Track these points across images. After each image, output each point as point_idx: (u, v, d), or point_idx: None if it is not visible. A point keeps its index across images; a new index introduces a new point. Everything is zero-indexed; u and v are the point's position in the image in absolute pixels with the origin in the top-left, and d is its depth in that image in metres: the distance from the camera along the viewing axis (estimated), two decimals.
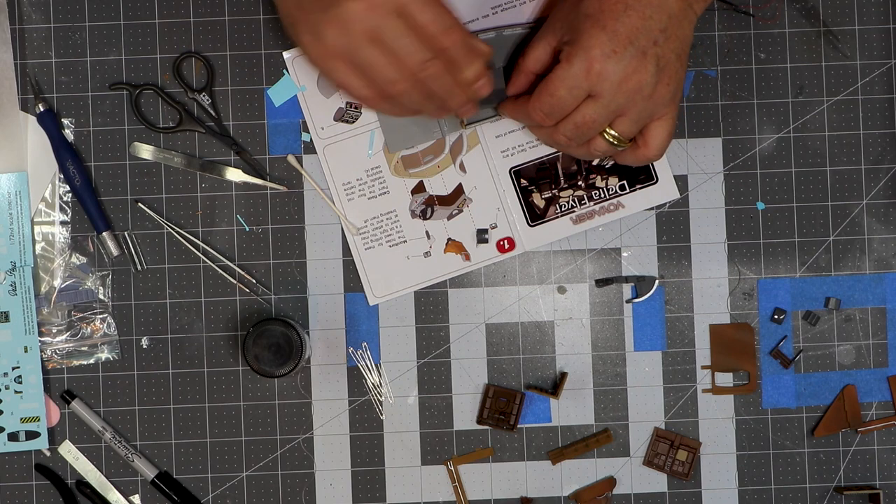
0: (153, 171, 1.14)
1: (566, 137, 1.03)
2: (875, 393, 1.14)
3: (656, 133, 1.03)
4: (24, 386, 1.12)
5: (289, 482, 1.14)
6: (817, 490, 1.14)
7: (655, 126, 1.03)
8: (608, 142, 1.03)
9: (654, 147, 1.04)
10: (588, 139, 1.03)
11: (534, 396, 1.14)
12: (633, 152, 1.05)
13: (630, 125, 1.02)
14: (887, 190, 1.15)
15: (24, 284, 1.12)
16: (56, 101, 1.14)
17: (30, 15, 1.14)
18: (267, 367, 1.08)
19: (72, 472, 1.13)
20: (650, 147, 1.04)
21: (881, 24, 1.15)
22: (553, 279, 1.15)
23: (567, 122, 1.02)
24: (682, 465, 1.13)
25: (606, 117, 1.01)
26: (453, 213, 1.14)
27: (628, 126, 1.02)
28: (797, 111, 1.15)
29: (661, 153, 1.04)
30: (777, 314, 1.14)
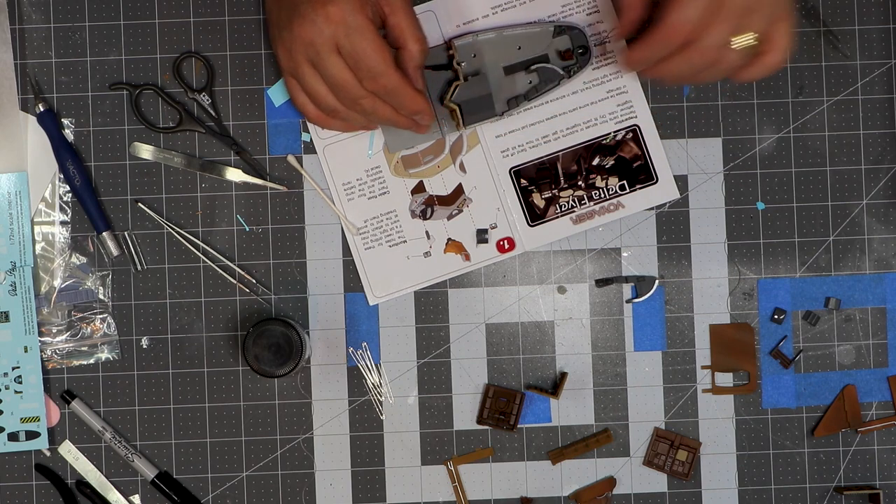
0: (153, 171, 1.14)
1: (714, 46, 1.00)
2: (875, 393, 1.14)
3: (779, 35, 1.02)
4: (24, 386, 1.12)
5: (289, 482, 1.14)
6: (817, 490, 1.14)
7: (777, 28, 1.02)
8: (747, 45, 1.01)
9: (779, 49, 1.02)
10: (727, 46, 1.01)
11: (534, 396, 1.14)
12: (759, 62, 1.03)
13: (762, 21, 1.00)
14: (887, 190, 1.15)
15: (24, 284, 1.12)
16: (56, 101, 1.14)
17: (30, 15, 1.14)
18: (267, 367, 1.08)
19: (72, 472, 1.13)
20: (774, 50, 1.02)
21: (881, 24, 1.15)
22: (553, 279, 1.15)
23: (717, 22, 1.00)
24: (682, 465, 1.13)
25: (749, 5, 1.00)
26: (453, 213, 1.14)
27: (761, 23, 1.00)
28: (797, 111, 1.15)
29: (785, 57, 1.03)
30: (777, 314, 1.14)
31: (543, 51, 1.13)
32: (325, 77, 1.05)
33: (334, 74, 1.04)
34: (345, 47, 1.03)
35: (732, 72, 1.04)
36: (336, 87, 1.05)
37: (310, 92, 1.07)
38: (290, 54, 1.06)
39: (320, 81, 1.06)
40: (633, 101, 1.14)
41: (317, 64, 1.05)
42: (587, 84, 1.14)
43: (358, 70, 1.04)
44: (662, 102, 1.15)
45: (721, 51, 1.01)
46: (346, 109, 1.07)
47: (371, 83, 1.04)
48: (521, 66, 1.13)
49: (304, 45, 1.04)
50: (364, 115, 1.08)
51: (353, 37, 1.03)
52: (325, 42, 1.03)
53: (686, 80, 1.05)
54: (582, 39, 1.13)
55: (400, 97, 1.05)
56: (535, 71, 1.13)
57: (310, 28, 1.03)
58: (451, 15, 1.13)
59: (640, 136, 1.14)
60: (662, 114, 1.15)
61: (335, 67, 1.04)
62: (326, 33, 1.03)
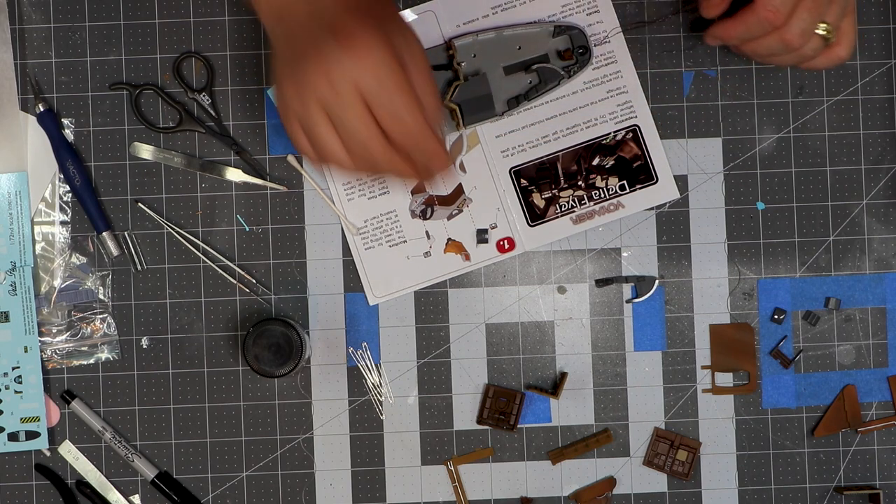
0: (153, 171, 1.14)
1: (799, 31, 1.03)
2: (875, 393, 1.14)
3: (848, 28, 1.05)
4: (24, 386, 1.12)
5: (289, 482, 1.14)
6: (817, 490, 1.14)
7: (847, 21, 1.05)
8: (821, 36, 1.03)
9: (846, 44, 1.05)
10: (809, 36, 1.03)
11: (534, 396, 1.14)
12: (827, 52, 1.05)
13: (838, 13, 1.03)
14: (887, 190, 1.15)
15: (24, 284, 1.12)
16: (56, 101, 1.14)
17: (30, 15, 1.14)
18: (267, 367, 1.08)
19: (72, 472, 1.13)
20: (842, 44, 1.05)
21: (881, 24, 1.15)
22: (553, 279, 1.15)
23: (801, 10, 1.02)
24: (682, 465, 1.13)
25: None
26: (453, 213, 1.14)
27: (836, 14, 1.03)
28: (797, 111, 1.15)
29: (851, 51, 1.06)
30: (777, 314, 1.14)
31: (543, 51, 1.13)
32: (341, 127, 0.90)
33: (354, 125, 0.89)
34: (372, 93, 0.88)
35: (805, 60, 1.06)
36: (352, 139, 0.90)
37: (317, 142, 0.91)
38: (299, 96, 0.90)
39: (332, 132, 0.90)
40: (633, 101, 1.14)
41: (333, 110, 0.89)
42: (587, 84, 1.14)
43: (384, 120, 0.89)
44: (662, 102, 1.15)
45: (802, 37, 1.03)
46: (354, 164, 0.92)
47: (399, 135, 0.90)
48: (521, 66, 1.13)
49: (321, 88, 0.88)
50: (374, 170, 0.93)
51: (386, 82, 0.88)
52: (348, 87, 0.88)
53: (760, 59, 1.08)
54: (582, 39, 1.13)
55: (427, 153, 0.91)
56: (535, 71, 1.13)
57: (332, 69, 0.88)
58: (451, 15, 1.13)
59: (640, 136, 1.14)
60: (662, 114, 1.15)
61: (356, 117, 0.89)
62: (352, 76, 0.88)
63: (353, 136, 0.90)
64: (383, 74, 0.88)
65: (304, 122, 0.91)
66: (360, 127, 0.89)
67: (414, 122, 0.89)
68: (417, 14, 1.13)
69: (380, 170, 0.92)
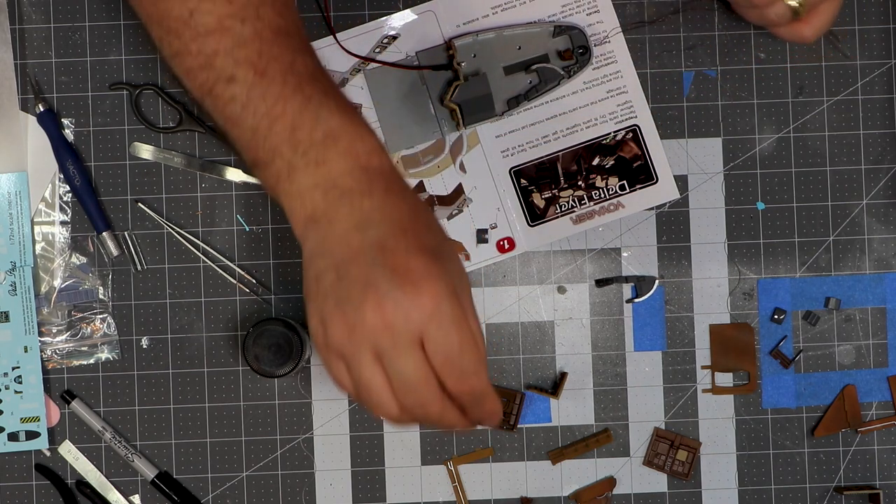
0: (153, 171, 1.14)
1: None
2: (875, 393, 1.14)
3: (822, 11, 1.04)
4: (24, 386, 1.12)
5: (289, 482, 1.14)
6: (817, 490, 1.14)
7: (825, 6, 1.04)
8: (791, 7, 1.02)
9: (814, 26, 1.04)
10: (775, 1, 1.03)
11: (534, 396, 1.14)
12: (792, 26, 1.04)
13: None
14: (887, 190, 1.15)
15: (24, 284, 1.12)
16: (56, 101, 1.14)
17: (30, 15, 1.14)
18: (267, 367, 1.08)
19: (72, 472, 1.13)
20: (810, 24, 1.04)
21: (881, 24, 1.15)
22: (553, 279, 1.15)
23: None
24: (682, 465, 1.13)
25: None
26: (453, 213, 1.14)
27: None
28: (797, 111, 1.15)
29: (817, 35, 1.05)
30: (777, 314, 1.14)
31: (543, 51, 1.13)
32: (393, 373, 0.83)
33: (409, 373, 0.83)
34: (435, 340, 0.82)
35: (768, 23, 1.05)
36: (404, 388, 0.84)
37: (363, 386, 0.84)
38: (349, 336, 0.83)
39: (383, 377, 0.84)
40: (633, 101, 1.14)
41: (386, 355, 0.83)
42: (587, 84, 1.14)
43: (444, 368, 0.83)
44: (662, 102, 1.15)
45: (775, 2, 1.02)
46: (401, 412, 0.85)
47: (458, 384, 0.84)
48: (521, 66, 1.13)
49: (377, 330, 0.82)
50: (422, 420, 0.86)
51: (450, 329, 0.82)
52: (408, 332, 0.82)
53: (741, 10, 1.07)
54: (582, 39, 1.13)
55: (483, 402, 0.86)
56: (535, 71, 1.13)
57: (391, 311, 0.82)
58: (451, 15, 1.13)
59: (640, 136, 1.14)
60: (662, 114, 1.15)
61: (413, 366, 0.83)
62: (413, 320, 0.82)
63: (405, 383, 0.83)
64: (447, 323, 0.83)
65: (350, 363, 0.84)
66: (415, 376, 0.83)
67: (476, 376, 0.84)
68: (417, 14, 1.13)
69: (429, 420, 0.86)
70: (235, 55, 0.90)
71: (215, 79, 0.90)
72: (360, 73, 1.13)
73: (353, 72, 1.13)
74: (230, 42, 0.90)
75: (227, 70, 0.90)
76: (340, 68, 1.13)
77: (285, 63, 0.90)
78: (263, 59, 0.90)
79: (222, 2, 0.90)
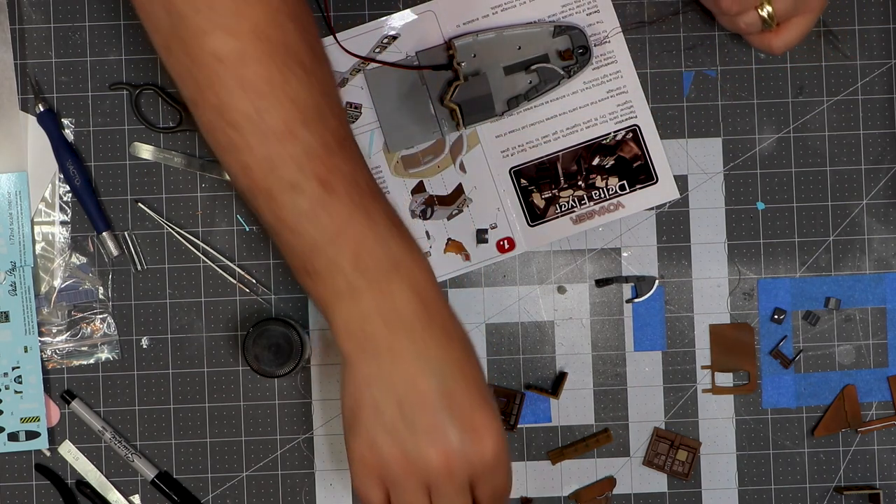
0: (153, 171, 1.14)
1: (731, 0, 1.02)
2: (875, 393, 1.14)
3: (793, 25, 1.04)
4: (24, 386, 1.12)
5: (289, 482, 1.14)
6: (817, 490, 1.14)
7: (796, 20, 1.04)
8: (761, 17, 1.02)
9: (783, 39, 1.04)
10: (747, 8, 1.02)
11: (534, 396, 1.14)
12: (762, 36, 1.05)
13: (788, 5, 1.02)
14: (887, 190, 1.15)
15: (24, 284, 1.12)
16: (56, 101, 1.14)
17: (30, 15, 1.14)
18: (267, 367, 1.08)
19: (72, 472, 1.13)
20: (780, 37, 1.04)
21: (881, 24, 1.15)
22: (553, 279, 1.15)
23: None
24: (682, 465, 1.13)
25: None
26: (453, 213, 1.14)
27: (786, 5, 1.02)
28: (797, 111, 1.15)
29: (785, 48, 1.05)
30: (777, 314, 1.14)
31: (543, 51, 1.13)
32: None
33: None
34: (488, 483, 0.91)
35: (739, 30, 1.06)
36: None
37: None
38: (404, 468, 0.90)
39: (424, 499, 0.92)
40: (633, 101, 1.14)
41: (439, 493, 0.91)
42: (587, 84, 1.14)
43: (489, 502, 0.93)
44: (662, 102, 1.15)
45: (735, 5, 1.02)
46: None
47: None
48: (521, 66, 1.13)
49: (438, 471, 0.90)
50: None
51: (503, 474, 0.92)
52: (466, 476, 0.91)
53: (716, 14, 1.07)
54: (582, 39, 1.13)
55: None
56: (535, 71, 1.13)
57: (456, 460, 0.89)
58: (451, 15, 1.13)
59: (640, 136, 1.14)
60: (662, 114, 1.15)
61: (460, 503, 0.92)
62: (474, 467, 0.90)
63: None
64: (502, 470, 0.91)
65: (396, 489, 0.91)
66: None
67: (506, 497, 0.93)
68: (417, 14, 1.13)
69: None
70: (302, 164, 0.89)
71: (277, 184, 0.89)
72: (360, 73, 1.13)
73: (353, 72, 1.14)
74: (297, 150, 0.89)
75: (292, 178, 0.89)
76: (340, 68, 1.13)
77: (348, 176, 0.90)
78: (329, 172, 0.90)
79: (291, 105, 0.89)
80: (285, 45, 0.90)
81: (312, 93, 0.90)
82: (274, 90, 0.89)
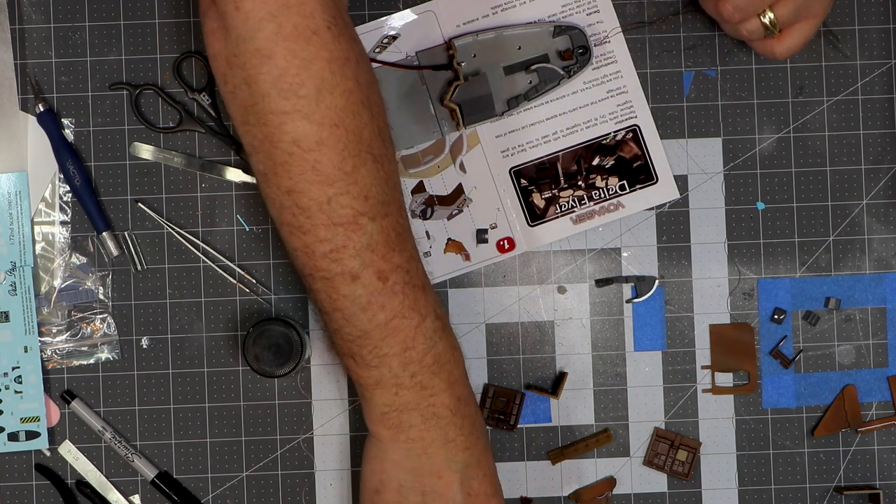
0: (153, 171, 1.14)
1: (733, 7, 1.02)
2: (875, 393, 1.14)
3: (796, 31, 1.04)
4: (24, 386, 1.12)
5: (289, 482, 1.14)
6: (817, 490, 1.14)
7: (799, 26, 1.04)
8: (764, 24, 1.03)
9: (786, 45, 1.05)
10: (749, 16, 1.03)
11: (534, 396, 1.14)
12: (764, 42, 1.05)
13: (790, 12, 1.02)
14: (887, 190, 1.15)
15: (24, 284, 1.12)
16: (56, 101, 1.14)
17: (30, 15, 1.14)
18: (267, 367, 1.08)
19: (72, 472, 1.13)
20: (782, 43, 1.04)
21: (881, 24, 1.15)
22: (553, 279, 1.15)
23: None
24: (682, 465, 1.13)
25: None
26: (453, 213, 1.14)
27: (788, 12, 1.02)
28: (797, 111, 1.15)
29: (788, 54, 1.05)
30: (777, 314, 1.14)
31: (543, 51, 1.13)
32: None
33: None
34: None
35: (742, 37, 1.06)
36: None
37: None
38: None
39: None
40: (633, 101, 1.14)
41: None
42: (587, 84, 1.14)
43: None
44: (662, 102, 1.15)
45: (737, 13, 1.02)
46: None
47: None
48: (521, 66, 1.13)
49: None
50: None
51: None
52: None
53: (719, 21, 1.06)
54: (582, 39, 1.13)
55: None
56: (535, 71, 1.13)
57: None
58: (451, 15, 1.13)
59: (640, 136, 1.14)
60: (662, 114, 1.15)
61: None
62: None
63: None
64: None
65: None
66: None
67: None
68: (417, 14, 1.13)
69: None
70: (364, 256, 0.93)
71: (339, 273, 0.93)
72: None
73: None
74: (361, 241, 0.92)
75: (354, 269, 0.93)
76: None
77: (403, 272, 0.95)
78: (388, 267, 0.93)
79: (361, 197, 0.92)
80: (358, 133, 0.92)
81: (379, 183, 0.93)
82: (346, 179, 0.91)
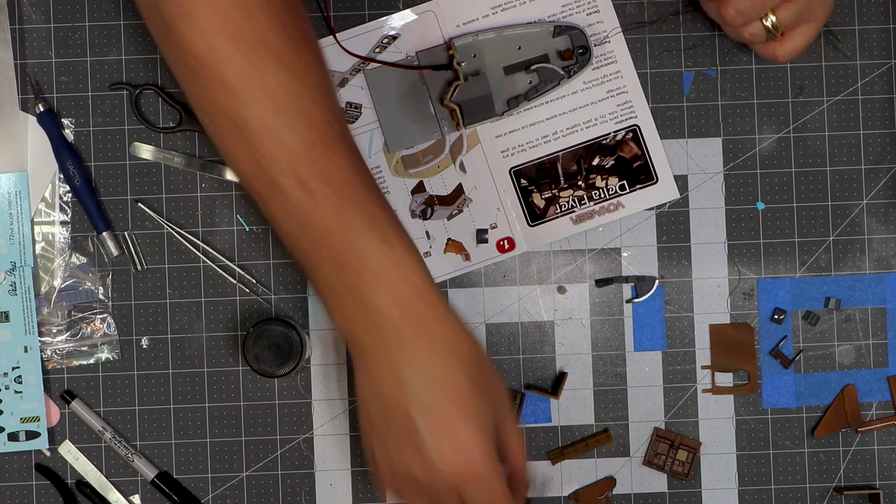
0: (153, 171, 1.14)
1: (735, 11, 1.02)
2: (875, 393, 1.14)
3: (798, 34, 1.04)
4: (24, 386, 1.12)
5: (289, 482, 1.14)
6: (817, 490, 1.14)
7: (801, 29, 1.04)
8: (766, 27, 1.03)
9: (788, 48, 1.05)
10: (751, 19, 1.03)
11: (534, 396, 1.14)
12: (766, 45, 1.05)
13: (792, 15, 1.02)
14: (887, 190, 1.15)
15: (24, 284, 1.12)
16: (56, 101, 1.14)
17: (30, 15, 1.14)
18: (267, 367, 1.08)
19: (72, 472, 1.13)
20: (784, 46, 1.04)
21: (881, 24, 1.15)
22: (553, 279, 1.15)
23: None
24: (682, 465, 1.13)
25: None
26: (453, 213, 1.14)
27: (790, 15, 1.02)
28: (797, 111, 1.15)
29: (790, 57, 1.05)
30: (777, 314, 1.14)
31: (543, 51, 1.13)
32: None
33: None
34: (472, 501, 0.92)
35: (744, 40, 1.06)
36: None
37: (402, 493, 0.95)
38: (395, 477, 0.94)
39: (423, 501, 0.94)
40: (633, 101, 1.14)
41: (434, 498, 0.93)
42: (587, 84, 1.14)
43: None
44: (662, 102, 1.15)
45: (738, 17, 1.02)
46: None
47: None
48: (521, 66, 1.13)
49: (418, 485, 0.92)
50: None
51: (483, 492, 0.92)
52: (446, 492, 0.92)
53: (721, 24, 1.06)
54: (582, 39, 1.13)
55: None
56: (535, 71, 1.13)
57: (430, 473, 0.91)
58: (451, 15, 1.13)
59: (640, 136, 1.14)
60: (662, 114, 1.15)
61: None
62: (449, 483, 0.91)
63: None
64: (482, 483, 0.91)
65: (398, 494, 0.95)
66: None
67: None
68: (417, 14, 1.13)
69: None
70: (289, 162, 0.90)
71: (268, 177, 0.91)
72: (360, 73, 1.13)
73: (353, 72, 1.14)
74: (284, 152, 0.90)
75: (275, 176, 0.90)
76: (340, 68, 1.13)
77: (337, 183, 0.91)
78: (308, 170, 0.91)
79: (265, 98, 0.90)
80: (256, 34, 0.90)
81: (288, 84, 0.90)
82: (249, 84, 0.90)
